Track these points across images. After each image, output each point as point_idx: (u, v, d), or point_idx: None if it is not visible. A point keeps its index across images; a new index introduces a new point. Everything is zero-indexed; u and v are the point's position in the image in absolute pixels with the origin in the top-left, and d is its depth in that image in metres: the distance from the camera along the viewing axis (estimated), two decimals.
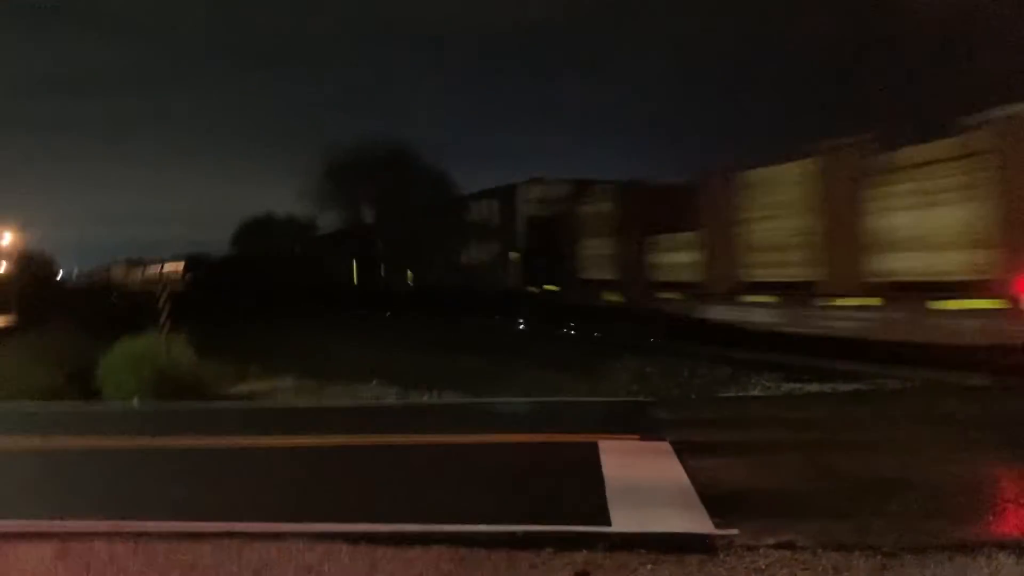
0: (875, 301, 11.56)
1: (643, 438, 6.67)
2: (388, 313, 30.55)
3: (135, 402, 10.28)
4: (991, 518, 4.77)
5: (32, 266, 41.85)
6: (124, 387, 11.03)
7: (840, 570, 3.93)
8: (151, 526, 4.81)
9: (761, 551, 4.16)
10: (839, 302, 12.16)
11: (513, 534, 4.43)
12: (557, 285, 21.98)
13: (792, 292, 13.22)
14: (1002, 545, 4.13)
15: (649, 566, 4.05)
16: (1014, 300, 9.45)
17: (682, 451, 6.08)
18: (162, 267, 64.86)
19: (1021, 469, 5.61)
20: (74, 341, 14.39)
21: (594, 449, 6.21)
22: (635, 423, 7.33)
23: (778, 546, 4.19)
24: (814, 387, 10.24)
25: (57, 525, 4.90)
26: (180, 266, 62.47)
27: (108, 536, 4.71)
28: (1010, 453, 5.97)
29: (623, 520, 4.60)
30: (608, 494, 5.09)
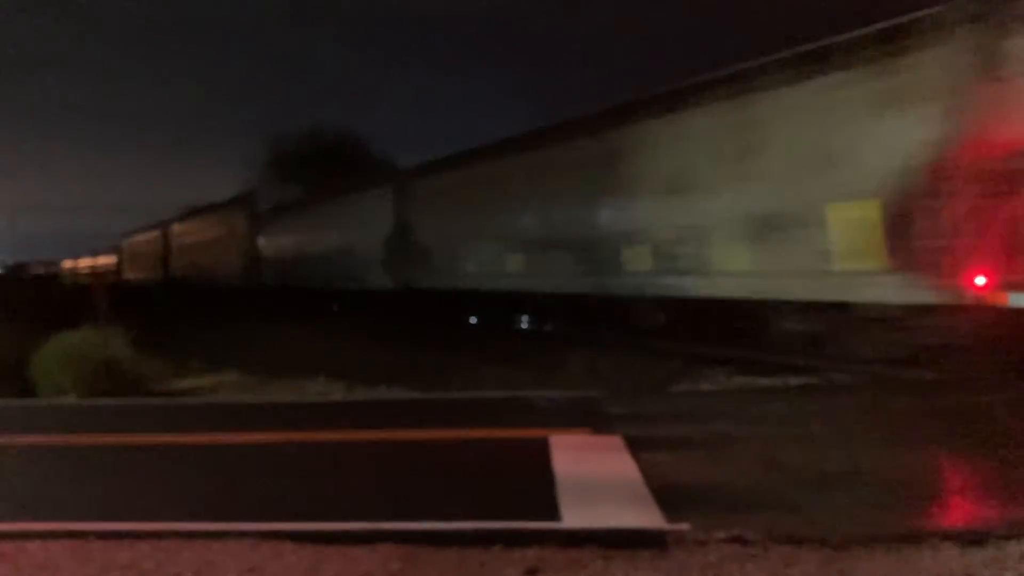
0: None
1: (595, 432, 6.65)
2: None
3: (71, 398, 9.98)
4: (937, 510, 4.85)
5: None
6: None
7: (790, 563, 3.95)
8: (87, 526, 4.65)
9: (712, 545, 4.17)
10: None
11: (462, 531, 4.36)
12: None
13: None
14: (947, 536, 4.20)
15: (600, 562, 4.03)
16: None
17: (634, 445, 6.07)
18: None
19: (966, 462, 5.71)
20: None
21: (544, 444, 6.17)
22: (586, 417, 7.29)
23: (729, 540, 4.20)
24: (764, 381, 10.32)
25: None
26: None
27: (42, 536, 4.55)
28: (956, 446, 6.06)
29: (574, 516, 4.57)
30: (558, 490, 5.05)
